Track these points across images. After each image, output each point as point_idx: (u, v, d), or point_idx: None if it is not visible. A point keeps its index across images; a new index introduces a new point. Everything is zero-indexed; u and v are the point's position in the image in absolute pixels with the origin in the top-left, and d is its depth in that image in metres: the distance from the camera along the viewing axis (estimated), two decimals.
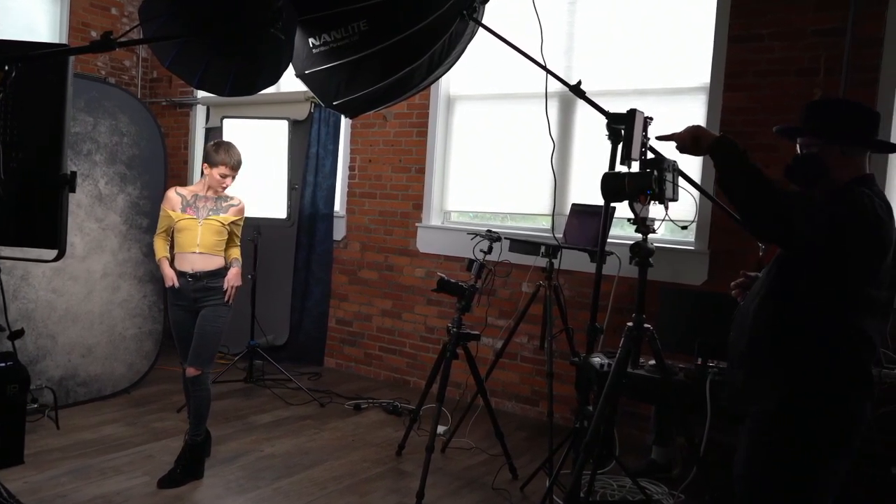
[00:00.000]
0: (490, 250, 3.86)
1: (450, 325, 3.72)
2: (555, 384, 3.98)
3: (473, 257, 3.80)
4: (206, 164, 3.67)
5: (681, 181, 2.67)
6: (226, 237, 3.72)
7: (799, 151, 2.23)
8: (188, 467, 3.56)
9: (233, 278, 3.68)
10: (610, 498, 3.55)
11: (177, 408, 4.54)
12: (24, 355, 4.03)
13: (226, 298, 3.65)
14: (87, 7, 6.56)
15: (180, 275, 3.64)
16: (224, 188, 3.70)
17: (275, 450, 4.05)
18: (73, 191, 2.54)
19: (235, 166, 3.68)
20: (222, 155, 3.64)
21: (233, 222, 3.73)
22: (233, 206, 3.74)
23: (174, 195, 3.71)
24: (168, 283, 3.66)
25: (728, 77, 4.17)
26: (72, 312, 4.50)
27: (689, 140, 2.23)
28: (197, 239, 3.63)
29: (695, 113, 4.32)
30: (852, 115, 2.19)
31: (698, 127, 2.24)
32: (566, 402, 4.59)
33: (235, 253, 3.78)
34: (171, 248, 3.74)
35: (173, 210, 3.67)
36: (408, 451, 4.06)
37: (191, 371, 3.59)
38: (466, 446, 4.23)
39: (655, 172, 2.50)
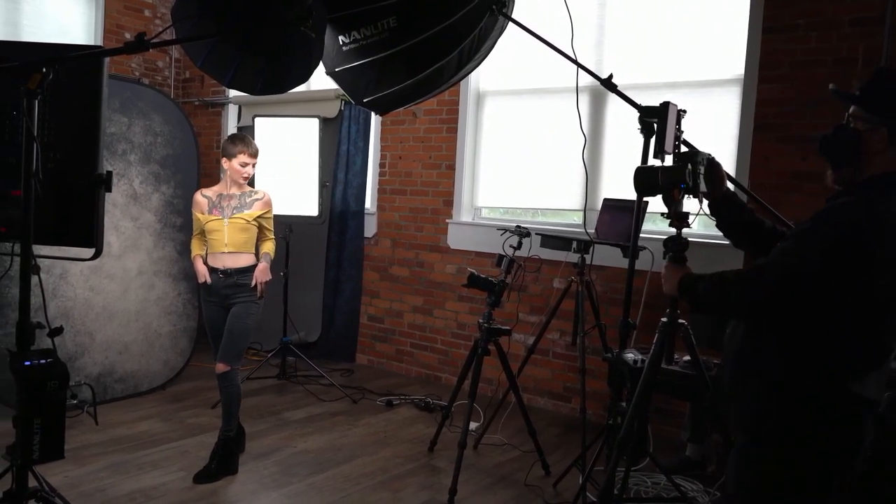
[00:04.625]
0: (519, 246, 3.84)
1: (480, 320, 3.71)
2: (587, 380, 3.95)
3: (503, 253, 3.79)
4: (224, 159, 3.72)
5: None
6: (254, 234, 3.76)
7: (846, 122, 1.93)
8: (222, 462, 3.60)
9: (260, 274, 3.72)
10: (644, 495, 3.51)
11: (211, 404, 4.60)
12: (63, 352, 4.12)
13: (257, 294, 3.70)
14: (120, 9, 6.66)
15: (212, 271, 3.70)
16: (246, 178, 3.73)
17: (308, 445, 4.09)
18: (109, 190, 2.59)
19: (254, 153, 3.73)
20: (239, 145, 3.69)
21: (259, 216, 3.76)
22: (257, 200, 3.77)
23: (200, 198, 3.78)
24: (200, 280, 3.74)
25: (763, 68, 4.08)
26: (108, 310, 4.58)
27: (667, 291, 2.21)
28: (225, 238, 3.69)
29: (728, 105, 4.25)
30: None
31: (663, 278, 2.23)
32: (599, 398, 4.55)
33: (267, 247, 3.82)
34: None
35: (201, 213, 3.74)
36: (440, 447, 4.06)
37: (220, 367, 3.64)
38: (498, 443, 4.22)
39: (689, 166, 2.45)
